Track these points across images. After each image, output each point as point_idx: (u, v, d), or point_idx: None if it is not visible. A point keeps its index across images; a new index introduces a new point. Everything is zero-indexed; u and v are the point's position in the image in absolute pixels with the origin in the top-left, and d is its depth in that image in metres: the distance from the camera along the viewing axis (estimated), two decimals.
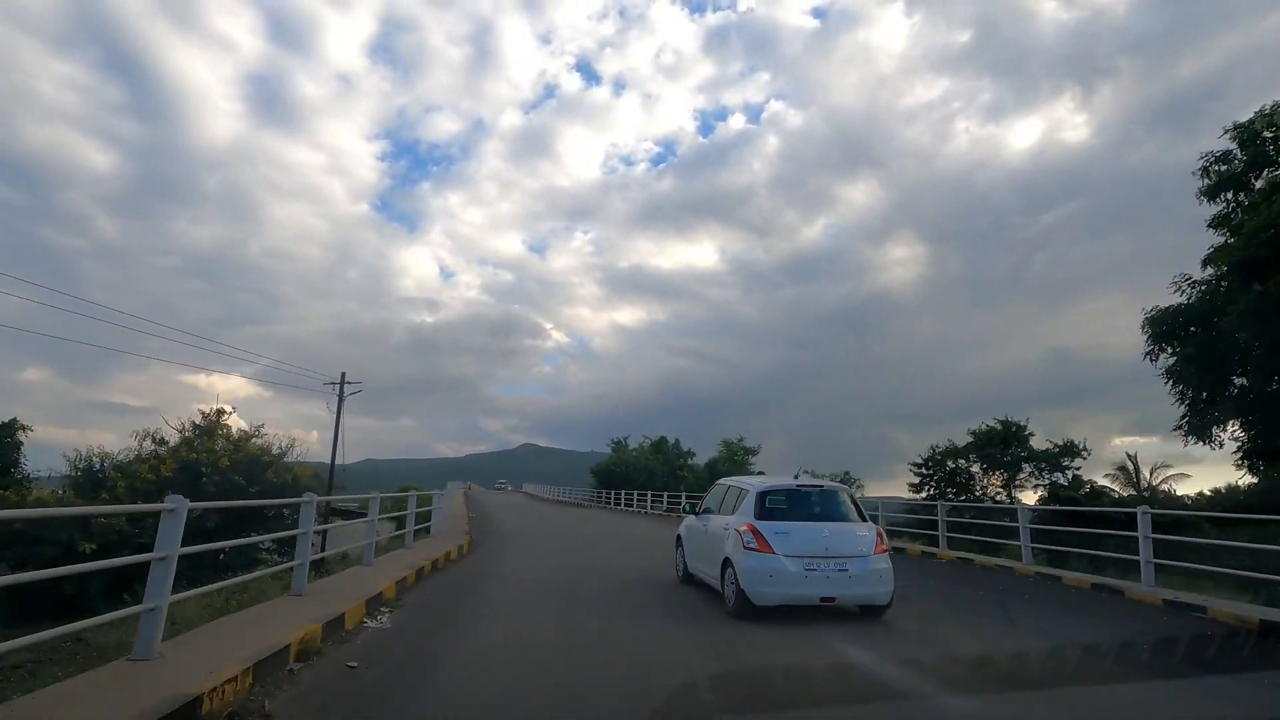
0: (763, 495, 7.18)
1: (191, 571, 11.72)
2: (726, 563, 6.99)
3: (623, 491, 37.91)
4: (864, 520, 7.22)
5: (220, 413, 21.40)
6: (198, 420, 20.85)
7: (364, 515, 10.08)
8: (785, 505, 7.18)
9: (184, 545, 4.39)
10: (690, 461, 47.77)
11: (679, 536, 9.13)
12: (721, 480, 8.99)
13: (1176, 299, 16.14)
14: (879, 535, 6.95)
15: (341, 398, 29.40)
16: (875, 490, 39.92)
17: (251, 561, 16.79)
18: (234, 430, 21.11)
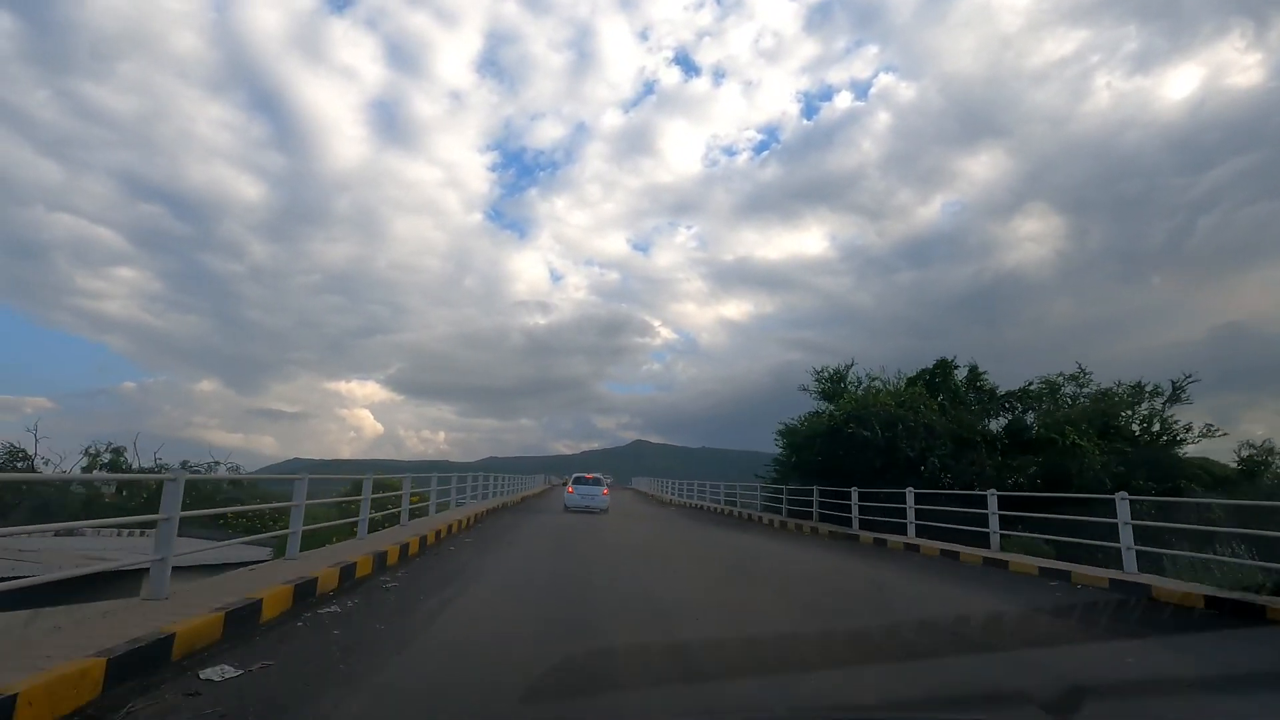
0: (578, 477, 24.82)
1: None
2: (564, 497, 25.06)
3: (852, 491, 15.73)
4: (602, 484, 24.30)
5: None
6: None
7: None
8: (580, 479, 24.57)
9: None
10: (1036, 409, 21.40)
11: (565, 496, 26.53)
12: (574, 474, 26.42)
13: None
14: (605, 489, 24.32)
15: None
16: None
17: None
18: None
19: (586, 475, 24.90)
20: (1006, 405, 22.28)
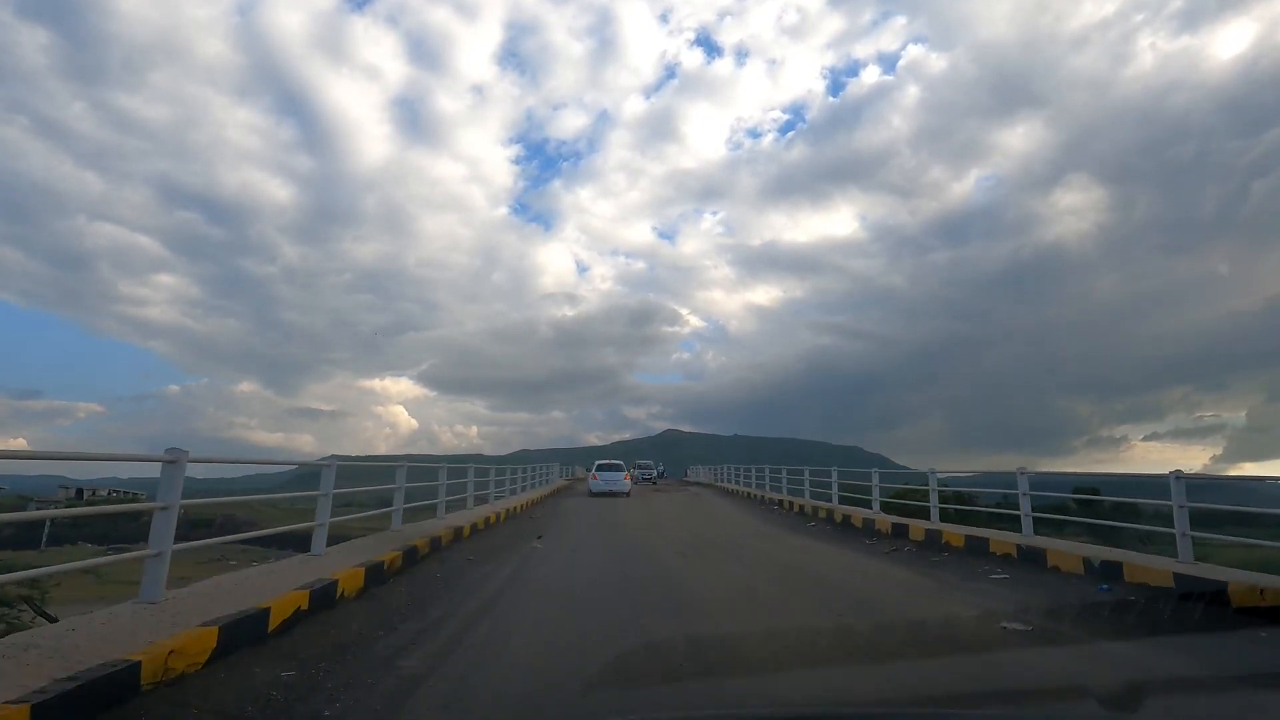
0: (600, 465, 23.98)
1: None
2: (590, 483, 23.93)
3: None
4: (623, 471, 23.57)
5: None
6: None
7: None
8: (603, 466, 23.85)
9: None
10: None
11: (590, 482, 25.52)
12: (598, 462, 25.44)
13: None
14: (627, 475, 23.39)
15: None
16: None
17: None
18: None
19: (608, 462, 26.38)
20: None
